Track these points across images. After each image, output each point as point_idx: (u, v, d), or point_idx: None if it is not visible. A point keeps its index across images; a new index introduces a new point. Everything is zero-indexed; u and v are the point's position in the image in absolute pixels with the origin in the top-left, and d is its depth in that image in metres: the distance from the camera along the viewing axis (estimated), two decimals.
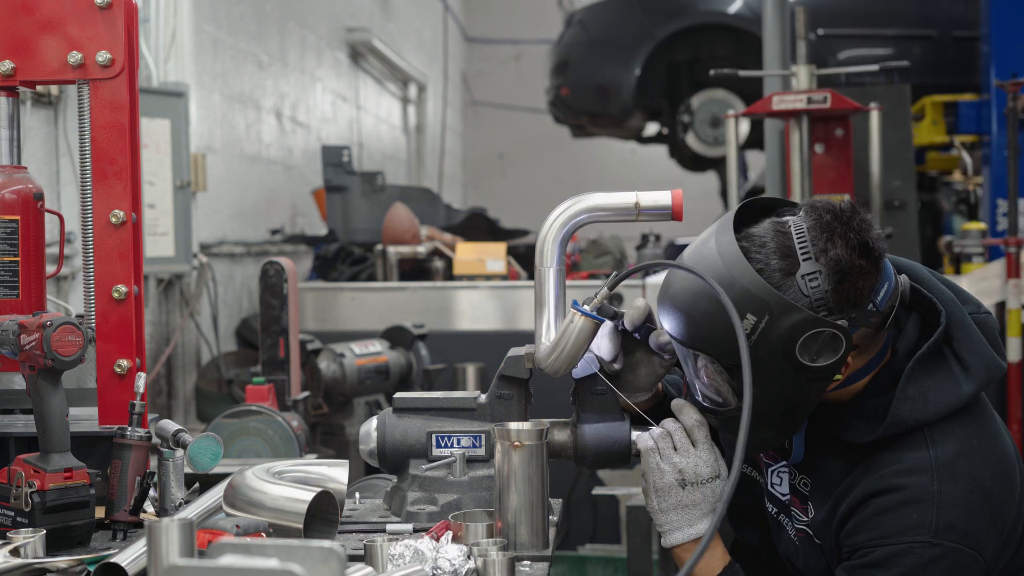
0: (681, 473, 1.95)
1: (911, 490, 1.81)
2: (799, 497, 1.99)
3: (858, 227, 1.80)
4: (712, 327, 1.81)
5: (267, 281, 3.49)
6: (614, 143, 10.43)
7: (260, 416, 3.12)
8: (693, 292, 1.83)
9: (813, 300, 1.78)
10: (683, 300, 1.85)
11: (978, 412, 1.91)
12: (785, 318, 1.76)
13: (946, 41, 7.09)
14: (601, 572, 5.16)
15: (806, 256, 1.79)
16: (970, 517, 1.81)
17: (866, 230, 1.81)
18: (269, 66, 6.36)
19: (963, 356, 1.89)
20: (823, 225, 1.80)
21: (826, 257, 1.78)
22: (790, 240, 1.80)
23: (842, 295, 1.78)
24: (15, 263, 2.22)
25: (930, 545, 1.79)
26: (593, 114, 8.01)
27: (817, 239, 1.79)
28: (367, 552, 1.77)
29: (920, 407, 1.84)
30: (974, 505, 1.81)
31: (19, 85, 2.27)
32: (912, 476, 1.82)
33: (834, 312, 1.78)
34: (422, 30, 11.01)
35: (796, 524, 2.01)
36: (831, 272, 1.78)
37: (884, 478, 1.84)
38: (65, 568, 1.83)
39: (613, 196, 2.06)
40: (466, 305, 5.45)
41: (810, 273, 1.78)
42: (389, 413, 2.18)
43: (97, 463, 2.12)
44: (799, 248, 1.79)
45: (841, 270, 1.78)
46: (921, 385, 1.86)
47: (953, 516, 1.80)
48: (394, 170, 9.27)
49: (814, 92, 4.45)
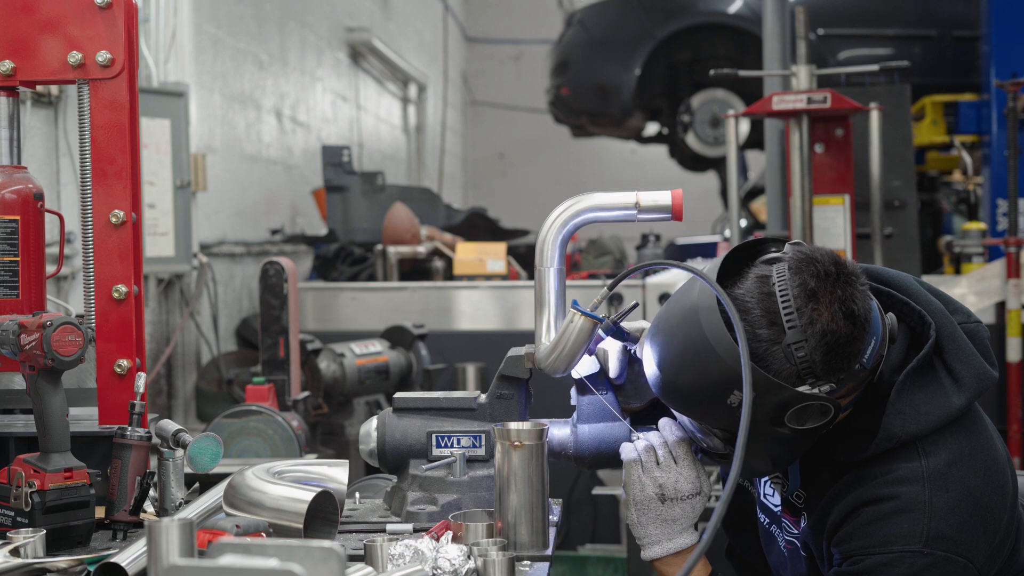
0: (661, 488, 1.96)
1: (902, 499, 1.81)
2: (791, 510, 2.00)
3: (842, 291, 1.77)
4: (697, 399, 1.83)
5: (267, 281, 3.49)
6: (614, 143, 10.43)
7: (260, 416, 3.12)
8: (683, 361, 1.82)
9: (800, 369, 1.76)
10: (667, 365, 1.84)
11: (970, 421, 1.90)
12: (772, 395, 1.75)
13: (946, 41, 7.09)
14: (601, 572, 5.16)
15: (791, 325, 1.75)
16: (961, 526, 1.81)
17: (850, 295, 1.77)
18: (269, 66, 6.36)
19: (954, 368, 1.88)
20: (809, 292, 1.76)
21: (812, 329, 1.75)
22: (775, 305, 1.77)
23: (830, 365, 1.77)
24: (15, 263, 2.22)
25: (921, 555, 1.79)
26: (593, 114, 8.01)
27: (803, 308, 1.75)
28: (367, 552, 1.77)
29: (911, 421, 1.84)
30: (965, 513, 1.81)
31: (19, 85, 2.27)
32: (903, 486, 1.82)
33: (820, 379, 1.77)
34: (422, 30, 11.01)
35: (786, 536, 2.02)
36: (818, 343, 1.75)
37: (876, 487, 1.84)
38: (65, 568, 1.83)
39: (613, 196, 2.06)
40: (466, 305, 5.45)
41: (796, 343, 1.75)
42: (389, 413, 2.18)
43: (97, 463, 2.12)
44: (784, 315, 1.76)
45: (828, 342, 1.75)
46: (912, 399, 1.85)
47: (944, 525, 1.80)
48: (394, 170, 9.26)
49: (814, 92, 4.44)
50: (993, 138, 5.86)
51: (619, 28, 7.71)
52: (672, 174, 8.84)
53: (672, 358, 1.83)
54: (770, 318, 1.76)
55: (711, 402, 1.79)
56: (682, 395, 1.86)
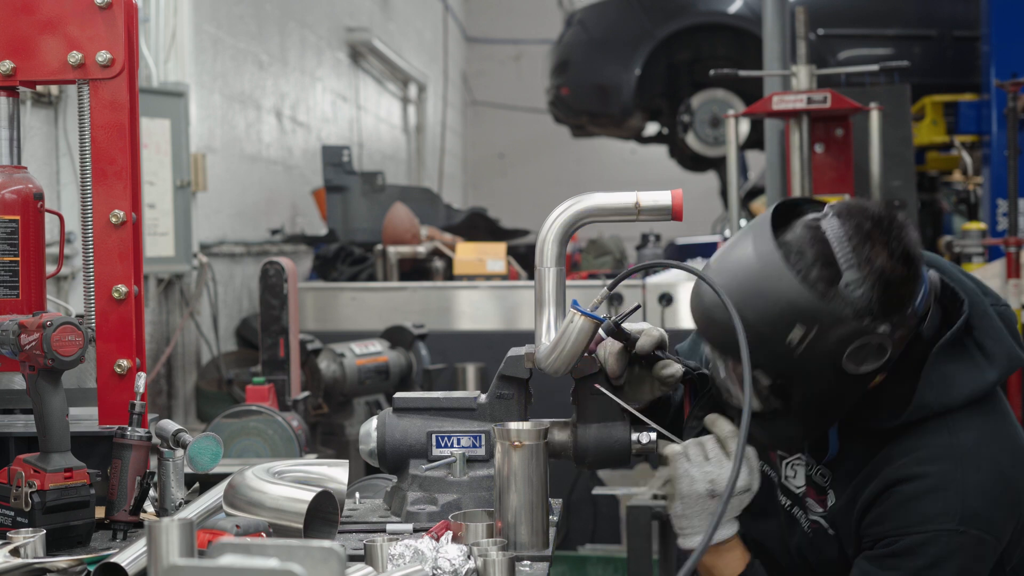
0: (713, 483, 1.94)
1: (935, 478, 1.82)
2: (815, 488, 1.99)
3: (898, 234, 1.80)
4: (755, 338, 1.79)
5: (267, 281, 3.49)
6: (614, 143, 10.43)
7: (260, 416, 3.12)
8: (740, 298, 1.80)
9: (857, 309, 1.77)
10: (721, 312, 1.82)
11: (995, 403, 1.91)
12: (834, 330, 1.77)
13: (946, 41, 7.09)
14: (601, 572, 5.16)
15: (849, 265, 1.78)
16: (993, 504, 1.82)
17: (906, 236, 1.80)
18: (269, 66, 6.36)
19: (985, 345, 1.90)
20: (864, 234, 1.78)
21: (871, 267, 1.77)
22: (829, 248, 1.79)
23: (887, 304, 1.78)
24: (15, 263, 2.22)
25: (956, 533, 1.79)
26: (593, 114, 8.01)
27: (860, 247, 1.78)
28: (367, 552, 1.77)
29: (944, 392, 1.85)
30: (996, 492, 1.82)
31: (19, 85, 2.27)
32: (935, 464, 1.82)
33: (878, 319, 1.78)
34: (422, 30, 11.01)
35: (810, 515, 2.00)
36: (876, 281, 1.77)
37: (907, 466, 1.84)
38: (65, 568, 1.83)
39: (613, 196, 2.06)
40: (466, 305, 5.45)
41: (854, 281, 1.77)
42: (389, 413, 2.18)
43: (97, 463, 2.12)
44: (840, 256, 1.78)
45: (886, 280, 1.77)
46: (945, 371, 1.86)
47: (978, 504, 1.80)
48: (394, 170, 9.26)
49: (814, 92, 4.45)
50: (993, 138, 5.87)
51: (619, 28, 7.71)
52: (672, 174, 8.84)
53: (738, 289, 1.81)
54: (825, 259, 1.78)
55: (770, 342, 1.78)
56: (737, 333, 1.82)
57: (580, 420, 2.09)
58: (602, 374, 2.06)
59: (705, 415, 2.05)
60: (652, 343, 2.04)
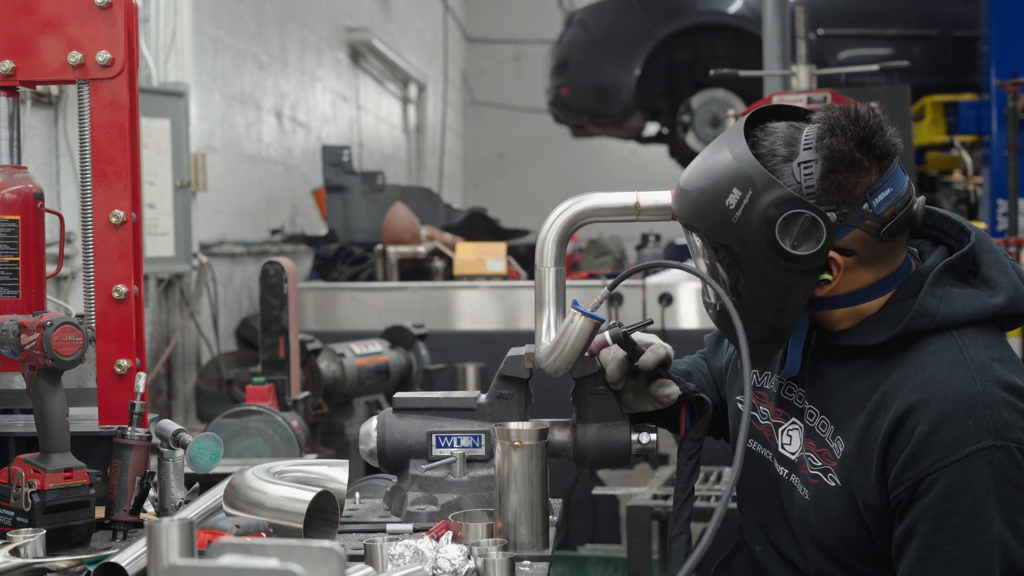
0: None
1: (955, 395, 1.73)
2: (815, 440, 1.90)
3: (865, 125, 1.78)
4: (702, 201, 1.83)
5: (267, 281, 3.49)
6: (614, 143, 10.43)
7: (260, 416, 3.12)
8: (698, 171, 1.86)
9: (803, 187, 1.77)
10: (685, 177, 1.88)
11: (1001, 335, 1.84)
12: (766, 194, 1.76)
13: (946, 41, 7.09)
14: (601, 572, 5.16)
15: (807, 146, 1.79)
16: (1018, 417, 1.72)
17: (873, 129, 1.78)
18: (269, 66, 6.36)
19: (992, 276, 1.84)
20: (832, 124, 1.79)
21: (821, 145, 1.78)
22: (798, 133, 1.81)
23: (830, 184, 1.77)
24: (15, 263, 2.22)
25: (996, 448, 1.70)
26: (593, 114, 8.01)
27: (824, 135, 1.78)
28: (367, 552, 1.77)
29: (947, 304, 1.80)
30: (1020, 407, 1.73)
31: (19, 85, 2.27)
32: (952, 381, 1.74)
33: (822, 203, 1.77)
34: (422, 30, 11.01)
35: (810, 471, 1.90)
36: (823, 160, 1.77)
37: (923, 387, 1.75)
38: (65, 568, 1.83)
39: (613, 196, 2.06)
40: (466, 305, 5.45)
41: (806, 161, 1.78)
42: (389, 413, 2.18)
43: (97, 463, 2.12)
44: (803, 140, 1.80)
45: (833, 159, 1.76)
46: (948, 290, 1.81)
47: (1005, 413, 1.71)
48: (394, 170, 9.26)
49: (814, 92, 4.44)
50: (993, 138, 5.87)
51: (619, 28, 7.71)
52: (672, 174, 8.77)
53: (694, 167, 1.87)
54: (789, 141, 1.81)
55: (712, 204, 1.80)
56: (690, 199, 1.86)
57: (580, 420, 2.09)
58: (602, 375, 2.06)
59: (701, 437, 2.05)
60: (655, 361, 2.02)
